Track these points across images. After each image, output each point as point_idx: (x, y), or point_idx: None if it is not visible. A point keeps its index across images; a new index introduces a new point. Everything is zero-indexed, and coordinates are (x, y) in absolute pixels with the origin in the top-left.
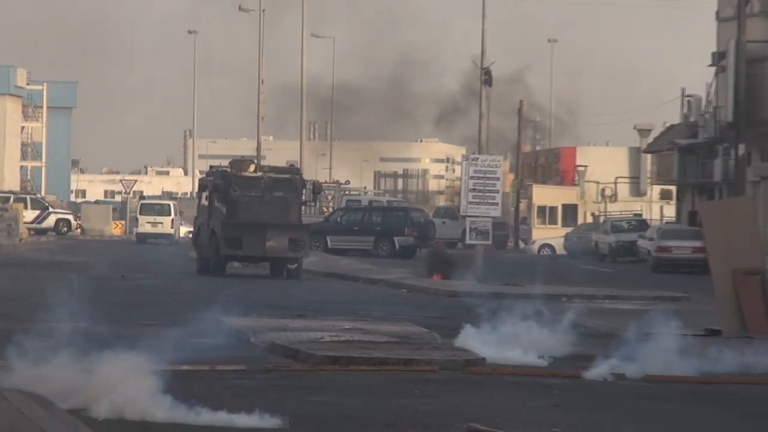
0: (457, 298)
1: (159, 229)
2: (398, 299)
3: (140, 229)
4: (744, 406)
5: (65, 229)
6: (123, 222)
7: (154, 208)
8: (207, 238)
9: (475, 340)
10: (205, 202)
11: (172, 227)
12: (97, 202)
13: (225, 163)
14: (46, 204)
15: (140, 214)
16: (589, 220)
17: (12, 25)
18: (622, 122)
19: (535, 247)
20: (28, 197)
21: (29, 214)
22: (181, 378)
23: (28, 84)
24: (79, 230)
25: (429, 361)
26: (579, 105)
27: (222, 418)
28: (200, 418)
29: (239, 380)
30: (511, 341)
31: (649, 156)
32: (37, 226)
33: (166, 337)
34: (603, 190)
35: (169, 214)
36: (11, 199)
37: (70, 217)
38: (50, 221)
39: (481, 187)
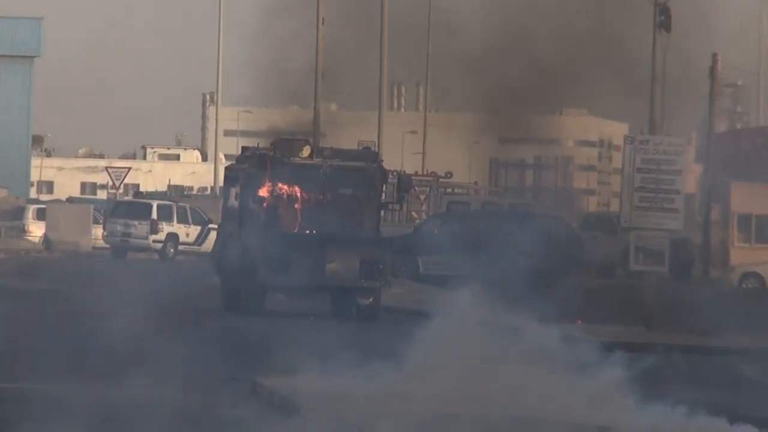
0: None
1: None
2: None
3: None
4: None
5: None
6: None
7: None
8: (238, 256)
9: None
10: (235, 201)
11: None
12: (70, 200)
13: (266, 143)
14: (207, 218)
15: None
16: None
17: None
18: None
19: (735, 276)
20: (188, 210)
21: (191, 231)
22: None
23: None
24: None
25: None
26: None
27: None
28: None
29: None
30: None
31: None
32: (197, 248)
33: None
34: None
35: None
36: (174, 210)
37: None
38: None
39: (654, 185)
